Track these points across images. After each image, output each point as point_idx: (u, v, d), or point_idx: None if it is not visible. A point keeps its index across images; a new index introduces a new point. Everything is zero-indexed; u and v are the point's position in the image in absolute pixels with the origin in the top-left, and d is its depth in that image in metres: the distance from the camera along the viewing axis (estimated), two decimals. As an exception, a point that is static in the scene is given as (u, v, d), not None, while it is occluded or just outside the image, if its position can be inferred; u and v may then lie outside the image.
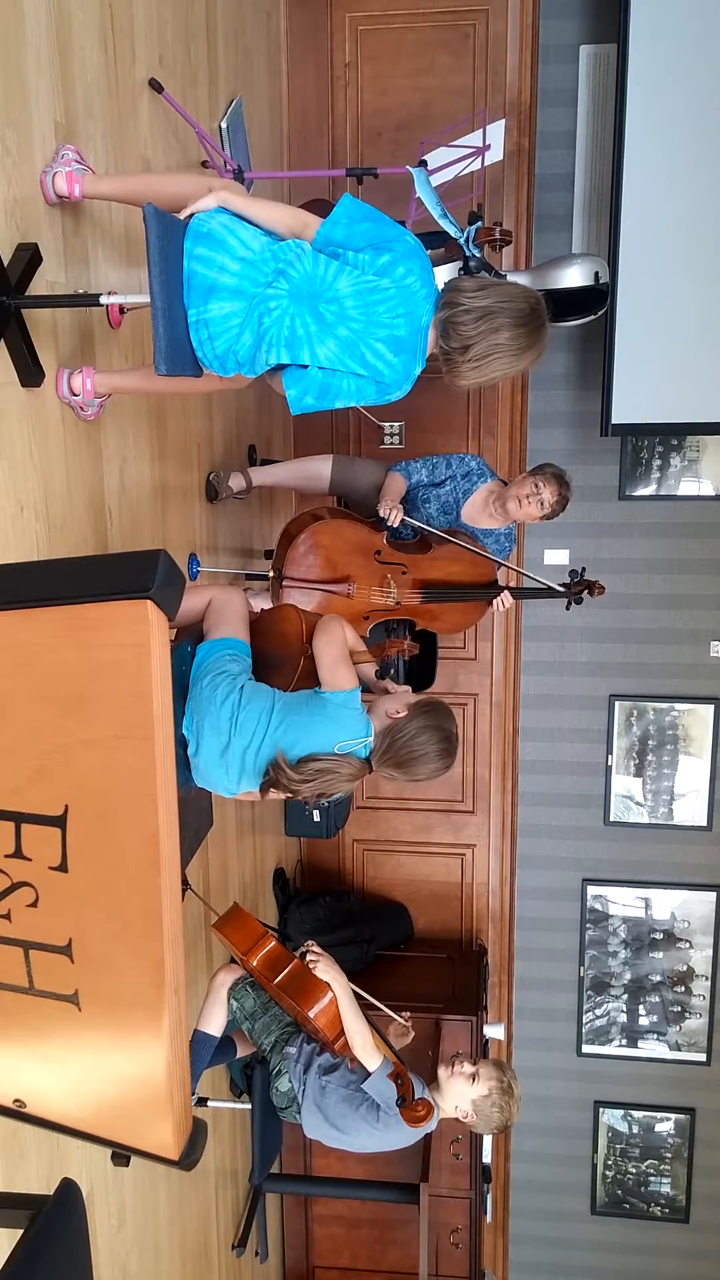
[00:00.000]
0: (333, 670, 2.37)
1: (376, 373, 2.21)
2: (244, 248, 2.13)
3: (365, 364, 2.19)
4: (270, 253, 2.16)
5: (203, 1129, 1.39)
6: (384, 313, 2.17)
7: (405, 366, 2.23)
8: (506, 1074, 2.75)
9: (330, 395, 2.23)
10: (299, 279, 2.14)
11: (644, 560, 4.90)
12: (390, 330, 2.18)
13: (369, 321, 2.16)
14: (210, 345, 2.17)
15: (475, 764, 5.10)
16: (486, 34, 4.47)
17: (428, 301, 2.21)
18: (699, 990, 5.20)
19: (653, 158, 4.04)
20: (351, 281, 2.16)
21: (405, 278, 2.17)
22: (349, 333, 2.16)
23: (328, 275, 2.15)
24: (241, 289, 2.13)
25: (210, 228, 2.12)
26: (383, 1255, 4.77)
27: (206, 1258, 3.77)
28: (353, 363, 2.19)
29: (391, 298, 2.17)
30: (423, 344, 2.25)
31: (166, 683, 1.22)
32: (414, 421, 4.78)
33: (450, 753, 2.35)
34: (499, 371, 2.23)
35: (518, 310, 2.18)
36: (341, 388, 2.23)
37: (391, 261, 2.17)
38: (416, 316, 2.20)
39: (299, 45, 4.62)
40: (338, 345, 2.17)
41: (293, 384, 2.21)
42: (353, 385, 2.23)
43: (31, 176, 2.23)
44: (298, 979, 2.75)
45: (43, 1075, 1.40)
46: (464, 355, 2.20)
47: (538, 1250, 5.57)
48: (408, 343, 2.21)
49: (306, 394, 2.22)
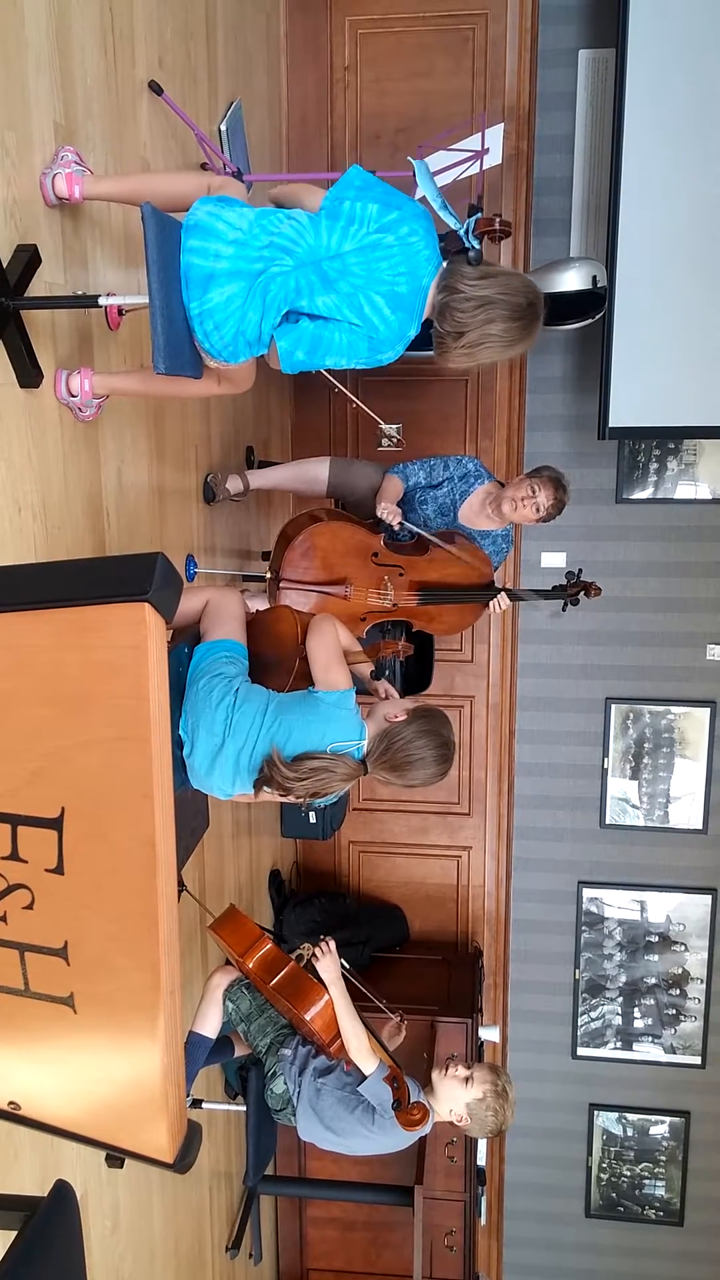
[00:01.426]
0: (326, 670, 2.37)
1: (371, 327, 2.21)
2: (233, 229, 2.15)
3: (362, 315, 2.19)
4: (259, 226, 2.17)
5: (197, 1131, 1.39)
6: (386, 269, 2.18)
7: (401, 325, 2.23)
8: (501, 1078, 2.75)
9: (322, 349, 2.22)
10: (304, 251, 2.16)
11: (641, 563, 4.91)
12: (391, 286, 2.18)
13: (370, 276, 2.18)
14: (217, 334, 2.17)
15: (471, 766, 5.10)
16: (485, 38, 4.48)
17: (430, 264, 2.21)
18: (694, 993, 5.21)
19: (651, 162, 4.05)
20: (355, 240, 2.17)
21: (410, 236, 2.18)
22: (350, 287, 2.17)
23: (331, 241, 2.17)
24: (238, 269, 2.15)
25: (197, 219, 2.15)
26: (377, 1258, 4.76)
27: (201, 1260, 3.77)
28: (350, 313, 2.18)
29: (394, 254, 2.17)
30: (421, 305, 2.24)
31: (163, 685, 1.22)
32: (412, 424, 4.78)
33: (447, 759, 2.35)
34: (488, 359, 2.28)
35: (515, 304, 2.20)
36: (334, 340, 2.22)
37: (399, 219, 2.18)
38: (418, 276, 2.20)
39: (298, 48, 4.62)
40: (338, 297, 2.18)
41: (283, 336, 2.20)
42: (345, 338, 2.22)
43: (31, 178, 2.24)
44: (294, 981, 2.75)
45: (37, 1077, 1.40)
46: (457, 340, 2.23)
47: (532, 1253, 5.57)
48: (407, 301, 2.21)
49: (298, 347, 2.21)
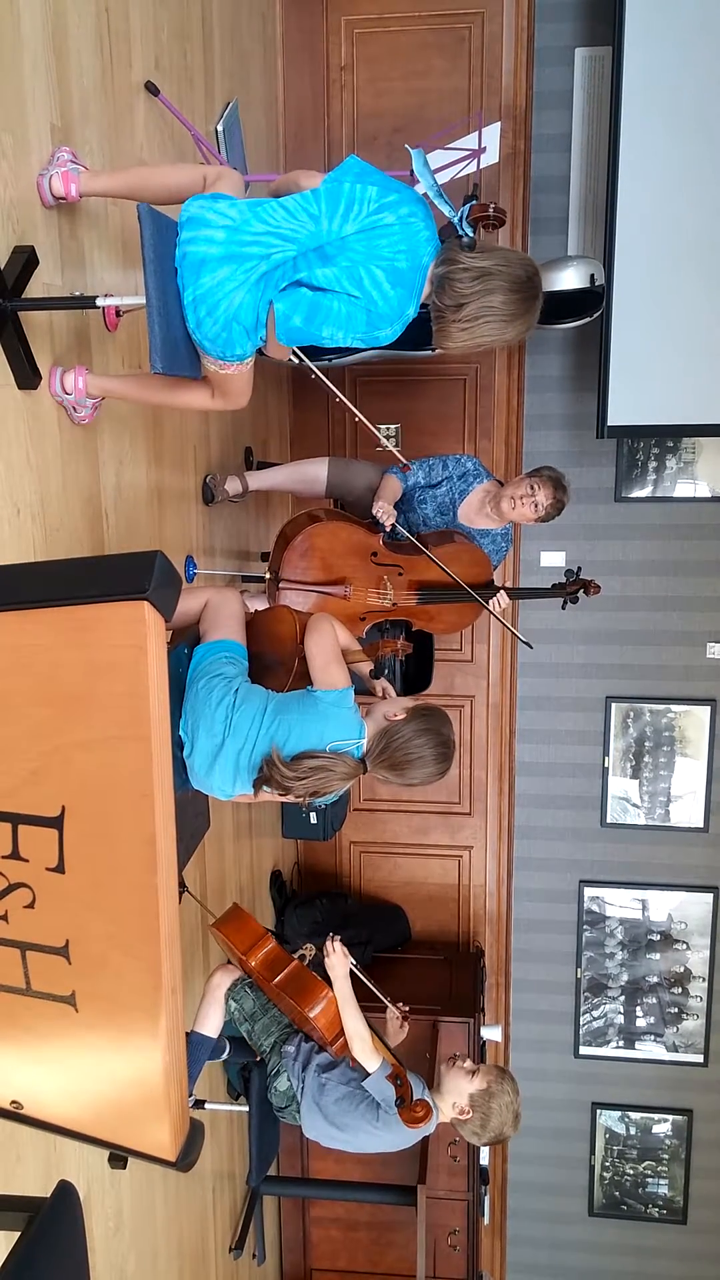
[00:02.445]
0: (324, 669, 2.37)
1: (370, 300, 2.21)
2: (224, 217, 2.16)
3: (361, 288, 2.20)
4: (253, 215, 2.18)
5: (200, 1130, 1.39)
6: (385, 246, 2.19)
7: (400, 302, 2.23)
8: (506, 1079, 2.74)
9: (320, 317, 2.22)
10: (306, 237, 2.18)
11: (640, 562, 4.91)
12: (391, 262, 2.20)
13: (370, 253, 2.19)
14: (209, 320, 2.17)
15: (472, 766, 5.10)
16: (482, 37, 4.48)
17: (430, 244, 2.23)
18: (696, 991, 5.21)
19: (648, 160, 4.05)
20: (355, 222, 2.19)
21: (410, 217, 2.20)
22: (349, 261, 2.19)
23: (333, 226, 2.19)
24: (230, 253, 2.16)
25: (190, 214, 2.16)
26: (380, 1257, 4.76)
27: (204, 1260, 3.77)
28: (349, 284, 2.20)
29: (394, 232, 2.19)
30: (420, 283, 2.25)
31: (163, 683, 1.22)
32: (410, 424, 4.78)
33: (446, 758, 2.35)
34: (487, 336, 2.25)
35: (514, 276, 2.20)
36: (332, 309, 2.22)
37: (398, 200, 2.20)
38: (418, 255, 2.21)
39: (294, 48, 4.62)
40: (337, 269, 2.19)
41: (281, 299, 2.20)
42: (343, 309, 2.22)
43: (28, 179, 2.24)
44: (297, 979, 2.75)
45: (39, 1076, 1.40)
46: (456, 314, 2.21)
47: (535, 1252, 5.57)
48: (406, 277, 2.22)
49: (295, 312, 2.21)
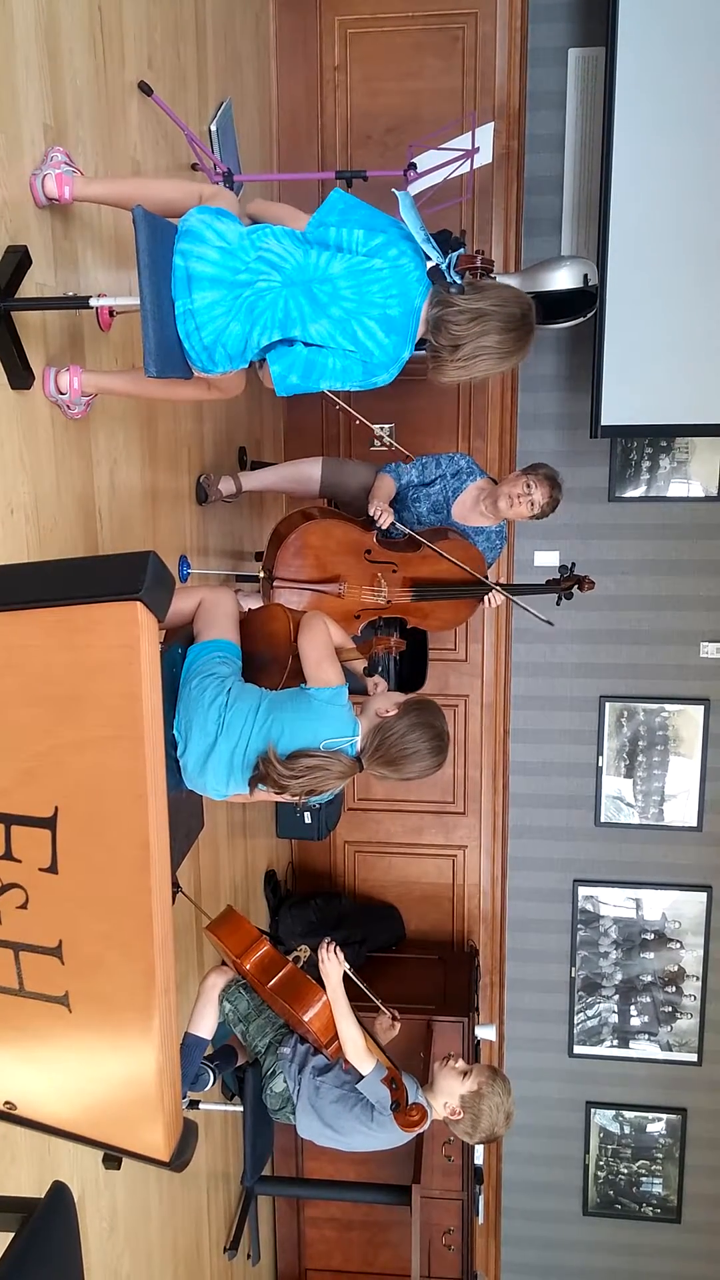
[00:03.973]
0: (318, 666, 2.37)
1: (366, 351, 2.22)
2: (220, 239, 2.17)
3: (356, 341, 2.20)
4: (249, 240, 2.19)
5: (193, 1130, 1.39)
6: (377, 292, 2.19)
7: (395, 348, 2.25)
8: (498, 1080, 2.74)
9: (316, 374, 2.23)
10: (291, 269, 2.17)
11: (634, 561, 4.92)
12: (383, 310, 2.19)
13: (362, 300, 2.18)
14: (198, 336, 2.18)
15: (466, 765, 5.11)
16: (475, 37, 4.48)
17: (421, 285, 2.23)
18: (690, 990, 5.21)
19: (641, 160, 4.06)
20: (344, 264, 2.18)
21: (399, 259, 2.20)
22: (342, 312, 2.18)
23: (319, 262, 2.18)
24: (220, 277, 2.15)
25: (190, 224, 2.16)
26: (375, 1257, 4.76)
27: (198, 1260, 3.77)
28: (344, 339, 2.19)
29: (385, 277, 2.19)
30: (414, 327, 2.26)
31: (156, 684, 1.22)
32: (404, 424, 4.79)
33: (441, 750, 2.36)
34: (483, 372, 2.28)
35: (509, 315, 2.22)
36: (328, 366, 2.23)
37: (386, 243, 2.19)
38: (410, 298, 2.21)
39: (288, 48, 4.62)
40: (330, 324, 2.18)
41: (277, 360, 2.21)
42: (339, 364, 2.23)
43: (21, 179, 2.23)
44: (291, 983, 2.75)
45: (33, 1077, 1.40)
46: (452, 355, 2.23)
47: (530, 1251, 5.58)
48: (399, 323, 2.22)
49: (291, 371, 2.22)
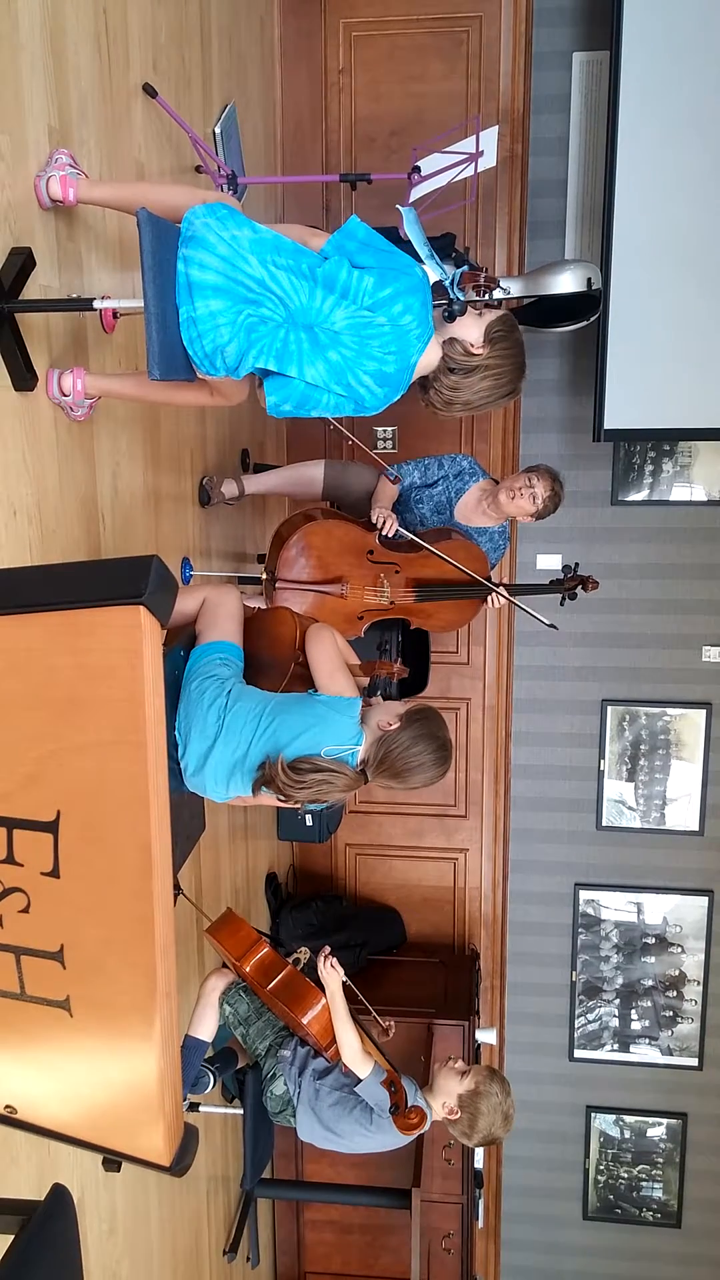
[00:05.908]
0: (330, 677, 2.38)
1: (359, 397, 2.29)
2: (223, 244, 2.17)
3: (349, 389, 2.26)
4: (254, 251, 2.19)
5: (194, 1135, 1.39)
6: (376, 348, 2.23)
7: (386, 398, 2.33)
8: (496, 1080, 2.74)
9: (309, 406, 2.30)
10: (296, 309, 2.19)
11: (636, 565, 4.91)
12: (379, 365, 2.24)
13: (360, 352, 2.23)
14: (199, 343, 2.19)
15: (468, 768, 5.10)
16: (480, 41, 4.49)
17: (420, 341, 2.28)
18: (691, 995, 5.21)
19: (645, 164, 4.06)
20: (347, 314, 2.21)
21: (402, 316, 2.22)
22: (339, 358, 2.22)
23: (324, 308, 2.20)
24: (221, 287, 2.16)
25: (194, 230, 2.16)
26: (374, 1260, 4.76)
27: (198, 1263, 3.77)
28: (337, 386, 2.25)
29: (385, 334, 2.23)
30: (407, 380, 2.34)
31: (158, 688, 1.22)
32: (407, 426, 4.79)
33: (445, 760, 2.35)
34: (479, 410, 2.47)
35: (502, 370, 2.37)
36: (321, 401, 2.29)
37: (393, 296, 2.22)
38: (407, 355, 2.27)
39: (293, 51, 4.63)
40: (326, 368, 2.22)
41: (274, 390, 2.26)
42: (332, 401, 2.30)
43: (25, 181, 2.23)
44: (291, 985, 2.75)
45: (34, 1081, 1.40)
46: (447, 407, 2.41)
47: (530, 1255, 5.57)
48: (393, 379, 2.29)
49: (286, 401, 2.28)
